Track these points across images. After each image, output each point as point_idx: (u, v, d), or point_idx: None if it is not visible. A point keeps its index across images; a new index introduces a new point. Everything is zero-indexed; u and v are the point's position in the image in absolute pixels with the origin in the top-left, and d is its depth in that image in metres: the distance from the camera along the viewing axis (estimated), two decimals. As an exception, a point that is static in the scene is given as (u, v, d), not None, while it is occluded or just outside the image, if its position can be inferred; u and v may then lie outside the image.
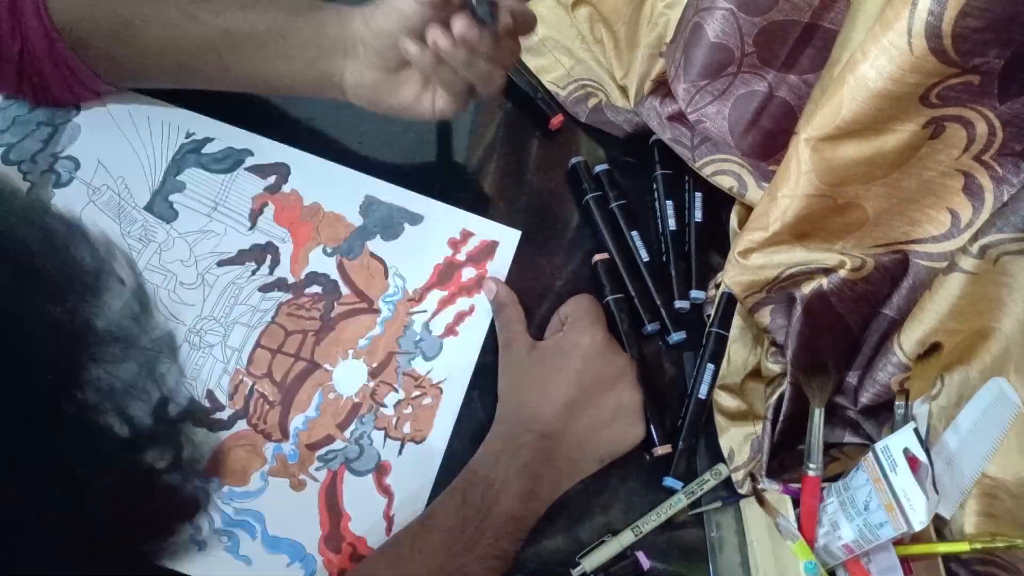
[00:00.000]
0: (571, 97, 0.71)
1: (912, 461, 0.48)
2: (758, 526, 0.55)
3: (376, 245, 0.62)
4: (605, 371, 0.55)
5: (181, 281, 0.59)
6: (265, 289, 0.60)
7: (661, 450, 0.58)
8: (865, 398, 0.56)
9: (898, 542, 0.51)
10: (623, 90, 0.69)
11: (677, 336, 0.62)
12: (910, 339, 0.51)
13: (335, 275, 0.61)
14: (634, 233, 0.65)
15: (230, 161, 0.63)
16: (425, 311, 0.61)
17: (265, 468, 0.55)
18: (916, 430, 0.49)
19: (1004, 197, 0.49)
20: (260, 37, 0.55)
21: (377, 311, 0.60)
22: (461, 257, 0.63)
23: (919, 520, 0.47)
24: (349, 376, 0.58)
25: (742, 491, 0.56)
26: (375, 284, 0.61)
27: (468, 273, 0.63)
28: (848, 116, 0.45)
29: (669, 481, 0.57)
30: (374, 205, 0.64)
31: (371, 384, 0.58)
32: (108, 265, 0.28)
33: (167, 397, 0.29)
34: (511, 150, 0.69)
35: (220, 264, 0.60)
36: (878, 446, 0.50)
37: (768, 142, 0.62)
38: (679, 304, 0.63)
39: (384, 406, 0.58)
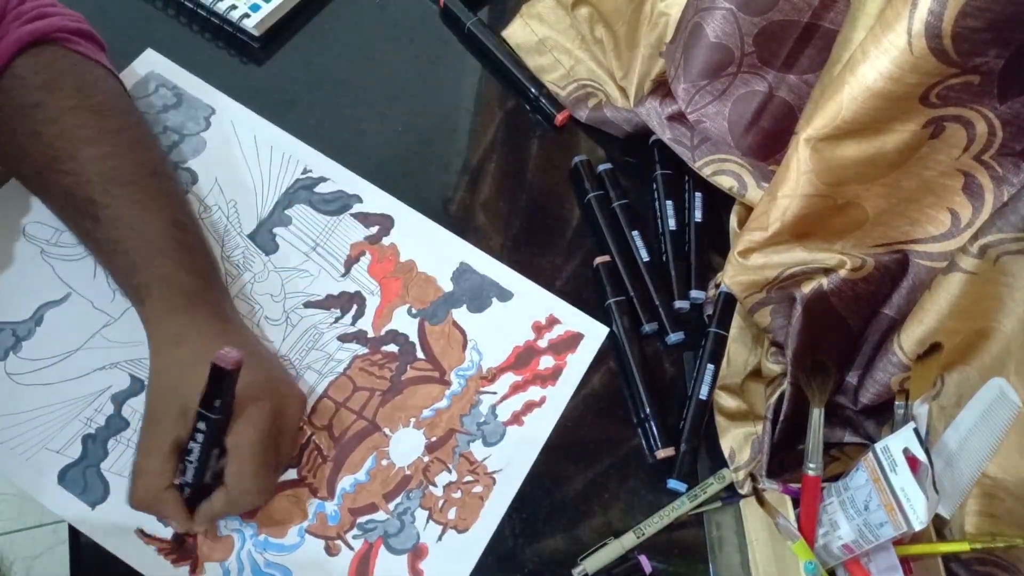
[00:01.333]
0: (571, 97, 0.71)
1: (912, 461, 0.48)
2: (758, 526, 0.55)
3: (461, 314, 0.61)
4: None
5: (267, 315, 0.59)
6: (344, 339, 0.59)
7: (664, 453, 0.58)
8: (865, 398, 0.56)
9: (898, 542, 0.51)
10: (623, 90, 0.69)
11: (675, 337, 0.62)
12: (910, 339, 0.51)
13: (414, 337, 0.60)
14: (635, 233, 0.65)
15: (339, 204, 0.63)
16: (495, 393, 0.59)
17: (304, 524, 0.53)
18: (916, 430, 0.49)
19: (1004, 197, 0.49)
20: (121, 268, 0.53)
21: (448, 383, 0.59)
22: (543, 343, 0.61)
23: (919, 520, 0.47)
24: (406, 445, 0.56)
25: (742, 491, 0.56)
26: (451, 355, 0.60)
27: (546, 362, 0.60)
28: (848, 116, 0.46)
29: (673, 483, 0.57)
30: (467, 273, 0.62)
31: (426, 459, 0.56)
32: None
33: None
34: (511, 150, 0.69)
35: (307, 305, 0.59)
36: (878, 446, 0.50)
37: (768, 142, 0.62)
38: (679, 304, 0.63)
39: (434, 485, 0.55)
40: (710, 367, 0.60)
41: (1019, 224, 0.44)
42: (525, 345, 0.61)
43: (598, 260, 0.64)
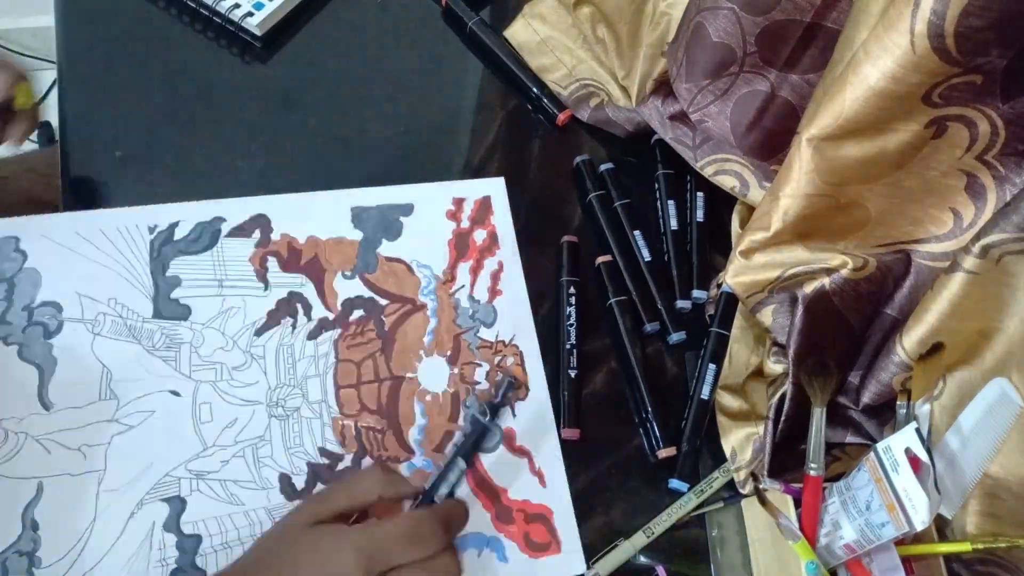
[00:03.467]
0: (573, 97, 0.71)
1: (914, 461, 0.48)
2: (759, 526, 0.55)
3: (387, 248, 0.63)
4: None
5: (232, 367, 0.57)
6: (313, 335, 0.59)
7: (665, 452, 0.58)
8: (867, 398, 0.56)
9: (900, 542, 0.51)
10: (625, 90, 0.69)
11: (677, 336, 0.62)
12: (912, 339, 0.51)
13: (367, 293, 0.61)
14: (636, 232, 0.65)
15: (207, 236, 0.60)
16: (463, 286, 0.62)
17: None
18: (918, 430, 0.49)
19: (1007, 197, 0.49)
20: None
21: (423, 306, 0.61)
22: (466, 224, 0.65)
23: (921, 520, 0.46)
24: (433, 374, 0.59)
25: (744, 491, 0.56)
26: (407, 283, 0.62)
27: (480, 235, 0.64)
28: (850, 116, 0.45)
29: (675, 483, 0.57)
30: (364, 214, 0.63)
31: (456, 371, 0.59)
32: None
33: None
34: (513, 149, 0.69)
35: (258, 334, 0.58)
36: (880, 446, 0.50)
37: (770, 142, 0.62)
38: (681, 304, 0.63)
39: (478, 383, 0.59)
40: (712, 367, 0.60)
41: (1022, 224, 0.44)
42: (454, 235, 0.64)
43: (600, 260, 0.64)
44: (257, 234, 0.61)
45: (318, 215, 0.63)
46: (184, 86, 0.66)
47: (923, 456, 0.48)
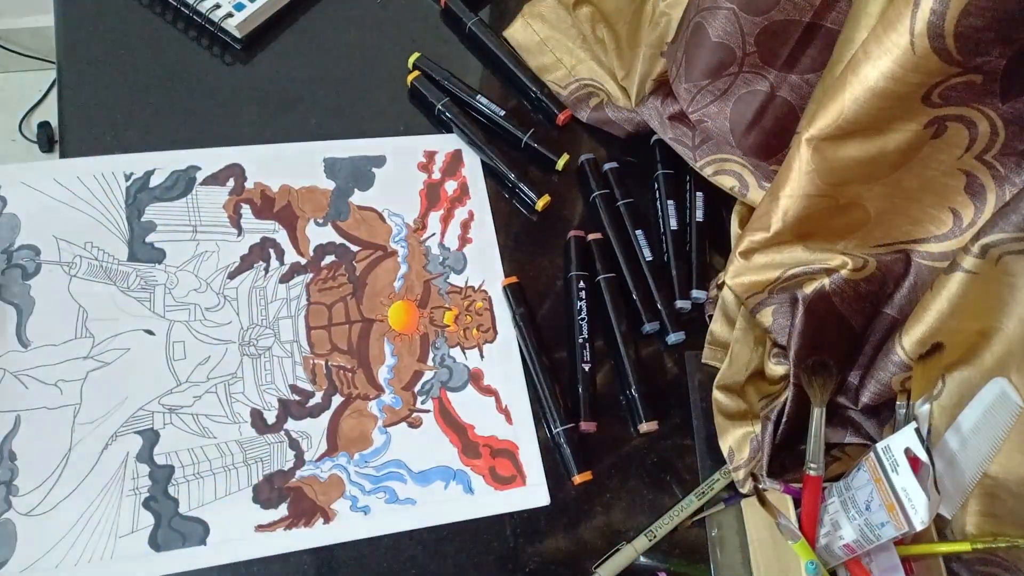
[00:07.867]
0: (572, 96, 0.71)
1: (913, 461, 0.48)
2: (759, 526, 0.55)
3: (359, 198, 0.64)
4: None
5: (205, 308, 0.58)
6: (285, 279, 0.61)
7: (646, 427, 0.58)
8: (867, 398, 0.56)
9: (899, 542, 0.51)
10: (624, 90, 0.69)
11: (675, 337, 0.62)
12: (912, 339, 0.51)
13: (339, 239, 0.63)
14: (638, 232, 0.65)
15: (182, 183, 0.62)
16: (434, 234, 0.64)
17: (380, 423, 0.57)
18: (917, 430, 0.49)
19: (1006, 196, 0.49)
20: None
21: (394, 252, 0.63)
22: (437, 175, 0.66)
23: (920, 520, 0.46)
24: (403, 316, 0.61)
25: (743, 491, 0.56)
26: (378, 231, 0.63)
27: (451, 186, 0.66)
28: (850, 116, 0.45)
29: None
30: (336, 164, 0.65)
31: (426, 313, 0.61)
32: None
33: None
34: (513, 149, 0.69)
35: (231, 276, 0.60)
36: (879, 446, 0.50)
37: (769, 142, 0.62)
38: (680, 304, 0.63)
39: (447, 326, 0.61)
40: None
41: (1021, 224, 0.44)
42: (425, 185, 0.66)
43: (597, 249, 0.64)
44: (231, 182, 0.63)
45: (291, 165, 0.64)
46: (180, 87, 0.66)
47: (923, 456, 0.48)
